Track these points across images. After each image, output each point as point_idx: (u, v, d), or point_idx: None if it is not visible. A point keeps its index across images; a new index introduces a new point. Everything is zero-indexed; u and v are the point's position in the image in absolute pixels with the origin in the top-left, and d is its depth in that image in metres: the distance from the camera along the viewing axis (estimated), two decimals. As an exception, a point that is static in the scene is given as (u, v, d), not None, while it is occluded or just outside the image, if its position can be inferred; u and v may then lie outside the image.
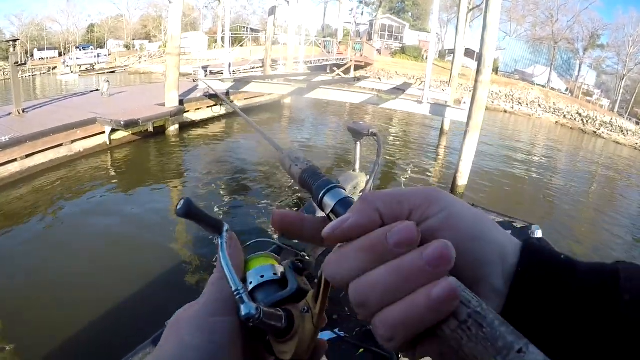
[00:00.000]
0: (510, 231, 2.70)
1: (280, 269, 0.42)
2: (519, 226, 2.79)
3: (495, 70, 33.44)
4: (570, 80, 39.21)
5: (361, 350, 1.84)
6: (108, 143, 9.65)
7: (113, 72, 30.77)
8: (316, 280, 0.38)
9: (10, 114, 9.72)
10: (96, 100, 12.05)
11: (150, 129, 10.52)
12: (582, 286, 0.28)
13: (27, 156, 7.83)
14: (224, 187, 7.97)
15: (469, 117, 8.22)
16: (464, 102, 9.09)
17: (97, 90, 13.60)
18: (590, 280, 0.28)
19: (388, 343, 0.28)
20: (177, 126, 11.34)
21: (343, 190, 0.35)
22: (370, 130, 2.58)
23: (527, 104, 29.93)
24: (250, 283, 0.40)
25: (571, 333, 0.27)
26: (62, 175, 8.09)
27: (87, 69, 30.98)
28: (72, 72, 29.18)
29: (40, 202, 6.95)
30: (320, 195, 0.35)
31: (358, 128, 2.57)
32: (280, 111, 15.58)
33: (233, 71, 13.21)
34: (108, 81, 13.08)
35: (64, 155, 8.63)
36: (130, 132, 10.16)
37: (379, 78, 25.24)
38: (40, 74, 29.38)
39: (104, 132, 9.49)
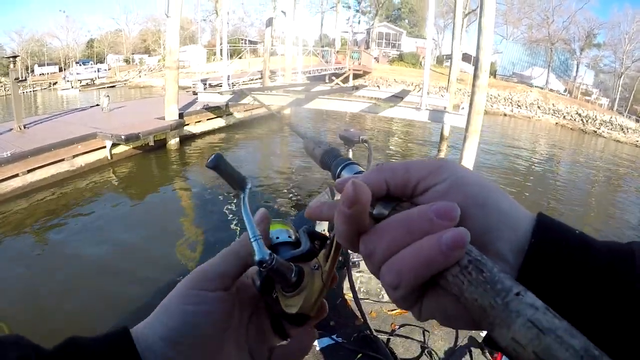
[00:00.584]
0: None
1: (295, 234, 0.46)
2: None
3: (493, 73, 33.45)
4: (568, 81, 39.28)
5: (359, 355, 1.86)
6: (109, 157, 9.63)
7: (113, 86, 30.91)
8: (328, 242, 0.42)
9: (11, 129, 9.74)
10: (97, 115, 12.09)
11: (151, 142, 10.48)
12: (597, 263, 0.28)
13: (29, 171, 7.82)
14: (226, 198, 7.96)
15: (468, 122, 8.20)
16: (462, 107, 9.06)
17: (97, 105, 13.64)
18: (605, 256, 0.29)
19: (394, 292, 0.30)
20: (177, 139, 11.34)
21: (358, 166, 0.39)
22: (361, 137, 2.53)
23: (526, 107, 29.89)
24: (279, 240, 0.44)
25: (585, 308, 0.27)
26: (64, 190, 8.09)
27: (87, 84, 31.08)
28: (72, 87, 29.32)
29: (42, 216, 6.94)
30: (338, 170, 0.40)
31: (349, 135, 2.57)
32: (280, 122, 15.64)
33: (232, 83, 13.25)
34: (108, 96, 13.12)
35: (65, 170, 8.62)
36: (132, 146, 10.13)
37: (378, 86, 25.27)
38: (41, 89, 29.57)
39: (105, 147, 9.48)
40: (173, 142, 11.22)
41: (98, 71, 34.29)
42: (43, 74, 36.57)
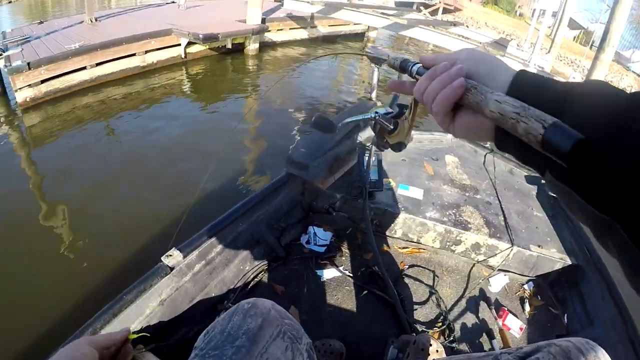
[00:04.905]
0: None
1: (392, 108, 1.05)
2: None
3: (590, 44, 29.83)
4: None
5: (365, 292, 1.79)
6: (183, 56, 8.84)
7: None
8: (410, 103, 0.72)
9: (82, 22, 9.19)
10: (172, 13, 11.20)
11: (229, 45, 9.58)
12: (540, 102, 0.41)
13: (98, 65, 7.22)
14: (299, 108, 7.21)
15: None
16: (573, 78, 7.84)
17: (173, 2, 12.72)
18: (546, 102, 0.41)
19: (437, 116, 0.52)
20: (257, 45, 10.34)
21: (420, 64, 0.59)
22: (390, 56, 1.81)
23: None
24: (383, 112, 1.05)
25: None
26: (133, 86, 7.49)
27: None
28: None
29: (108, 110, 6.43)
30: (410, 67, 0.61)
31: (376, 53, 2.34)
32: (363, 43, 14.30)
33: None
34: (185, -7, 12.09)
35: (136, 65, 7.93)
36: (207, 47, 9.29)
37: (467, 26, 22.93)
38: (115, -15, 28.91)
39: (179, 45, 8.67)
40: (252, 48, 10.24)
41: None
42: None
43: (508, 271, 2.04)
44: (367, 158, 2.15)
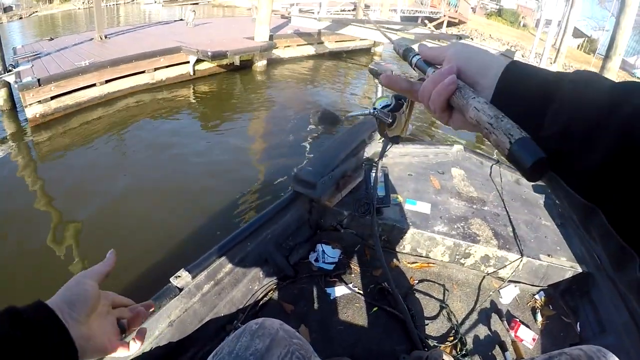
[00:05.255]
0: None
1: (391, 100, 1.00)
2: None
3: (594, 51, 29.85)
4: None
5: (375, 308, 1.79)
6: (192, 73, 8.91)
7: (196, 3, 29.93)
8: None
9: (92, 39, 9.40)
10: (181, 30, 11.42)
11: (237, 62, 9.69)
12: (523, 104, 0.44)
13: (107, 81, 7.33)
14: (309, 126, 7.07)
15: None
16: None
17: (181, 20, 12.94)
18: (531, 100, 0.44)
19: (434, 113, 0.53)
20: (265, 62, 10.41)
21: (419, 56, 0.59)
22: (393, 72, 1.83)
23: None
24: (381, 106, 1.01)
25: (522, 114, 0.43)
26: (142, 103, 7.56)
27: (170, 0, 30.55)
28: (155, 1, 28.77)
29: (117, 127, 6.48)
30: (411, 59, 0.61)
31: (380, 69, 2.11)
32: (370, 58, 14.33)
33: (326, 11, 11.95)
34: (194, 11, 12.36)
35: (145, 82, 8.04)
36: (216, 64, 9.37)
37: (472, 38, 23.02)
38: (124, 3, 29.12)
39: (188, 62, 8.75)
40: (260, 64, 10.33)
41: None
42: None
43: (518, 282, 2.04)
44: (373, 174, 2.10)
